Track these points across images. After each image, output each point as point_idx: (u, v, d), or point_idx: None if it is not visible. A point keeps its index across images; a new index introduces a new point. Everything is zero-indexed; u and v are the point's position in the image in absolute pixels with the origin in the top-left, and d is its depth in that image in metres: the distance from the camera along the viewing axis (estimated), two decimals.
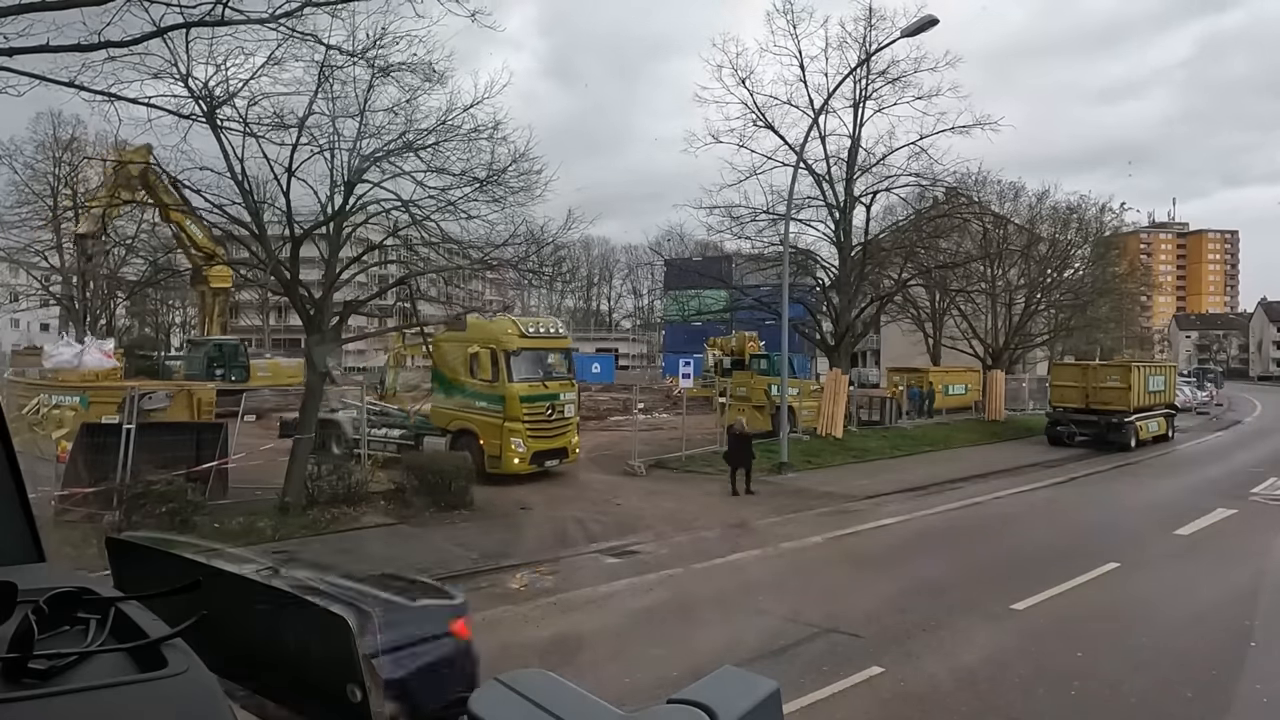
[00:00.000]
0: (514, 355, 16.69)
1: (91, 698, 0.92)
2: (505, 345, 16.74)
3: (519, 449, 16.39)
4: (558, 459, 17.34)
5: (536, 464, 16.66)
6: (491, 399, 16.58)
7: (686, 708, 0.98)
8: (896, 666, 7.03)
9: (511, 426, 16.37)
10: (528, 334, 17.40)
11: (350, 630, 1.16)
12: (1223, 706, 6.40)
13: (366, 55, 12.01)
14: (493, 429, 16.42)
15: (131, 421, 12.27)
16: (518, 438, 16.39)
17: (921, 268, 28.62)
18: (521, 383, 16.68)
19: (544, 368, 17.46)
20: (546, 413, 17.03)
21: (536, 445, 16.70)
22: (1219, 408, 44.87)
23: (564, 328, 18.84)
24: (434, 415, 17.63)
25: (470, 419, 16.76)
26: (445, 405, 17.36)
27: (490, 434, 16.43)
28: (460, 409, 16.96)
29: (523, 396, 16.58)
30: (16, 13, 9.11)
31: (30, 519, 1.43)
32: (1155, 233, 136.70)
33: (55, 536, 8.78)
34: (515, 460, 16.32)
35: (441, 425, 17.20)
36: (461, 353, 16.95)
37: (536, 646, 7.63)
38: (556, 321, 19.58)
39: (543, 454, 16.82)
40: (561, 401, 17.45)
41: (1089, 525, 14.10)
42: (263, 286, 27.09)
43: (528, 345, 17.14)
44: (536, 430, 16.79)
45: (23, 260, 40.05)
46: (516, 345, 16.85)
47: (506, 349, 16.68)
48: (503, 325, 17.73)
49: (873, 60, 23.83)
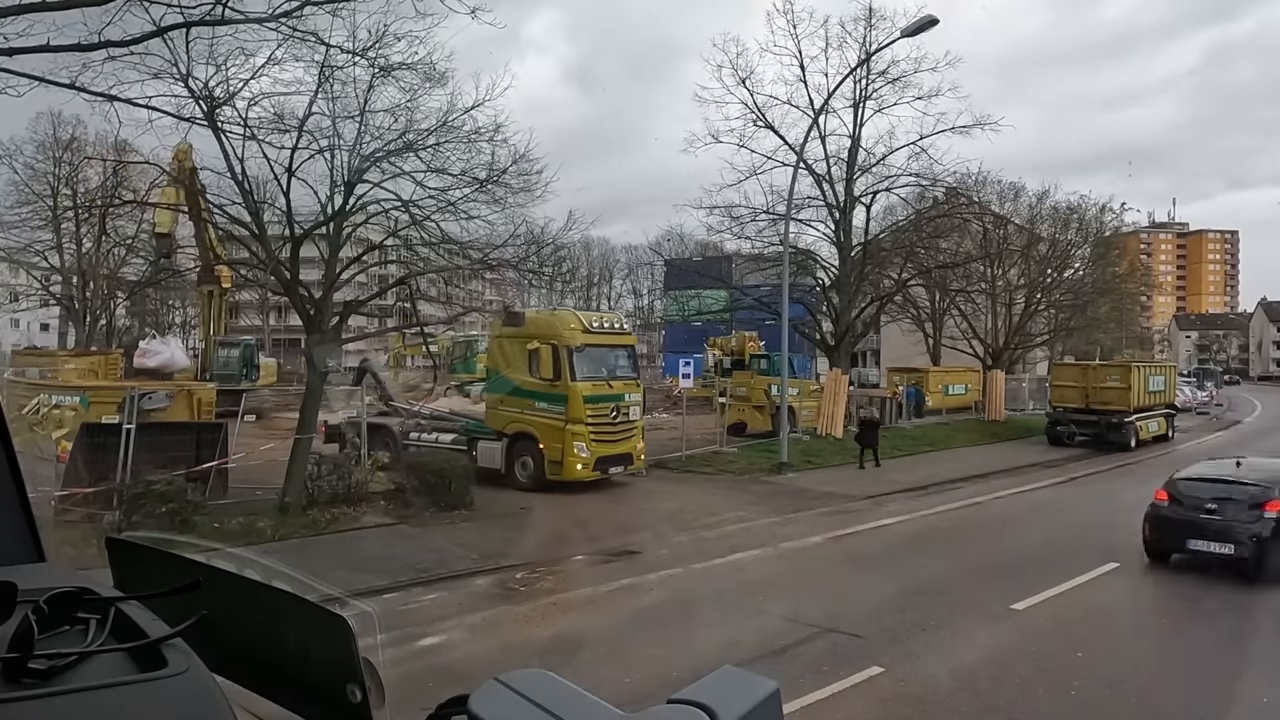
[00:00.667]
0: (577, 352, 15.51)
1: (91, 698, 0.92)
2: (567, 341, 15.53)
3: (582, 454, 15.24)
4: (622, 465, 16.24)
5: (600, 470, 15.58)
6: (552, 399, 15.43)
7: (686, 708, 0.98)
8: (896, 666, 7.03)
9: (574, 429, 15.22)
10: (591, 329, 16.11)
11: (350, 630, 1.16)
12: (1223, 706, 6.40)
13: (367, 54, 12.01)
14: (554, 432, 15.30)
15: (131, 421, 12.27)
16: (580, 441, 15.25)
17: (921, 268, 28.63)
18: (584, 382, 15.51)
19: (607, 366, 16.31)
20: (610, 415, 15.87)
21: (600, 450, 15.55)
22: (1219, 408, 44.86)
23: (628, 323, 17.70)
24: (489, 417, 16.45)
25: (529, 421, 15.63)
26: (502, 407, 16.17)
27: (551, 437, 15.32)
28: (518, 410, 15.85)
29: (586, 397, 15.42)
30: (17, 13, 9.11)
31: (30, 519, 1.43)
32: (1155, 233, 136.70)
33: (55, 536, 8.79)
34: (578, 466, 15.17)
35: (497, 428, 16.10)
36: (519, 349, 15.88)
37: (536, 646, 7.64)
38: (619, 316, 18.43)
39: (606, 459, 15.71)
40: (626, 403, 16.24)
41: (1089, 525, 14.11)
42: (263, 286, 27.15)
43: (591, 341, 15.91)
44: (600, 434, 15.65)
45: (23, 260, 40.04)
46: (580, 341, 15.64)
47: (569, 345, 15.48)
48: (565, 319, 16.40)
49: (873, 60, 23.87)
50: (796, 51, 24.34)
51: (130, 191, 28.21)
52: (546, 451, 15.33)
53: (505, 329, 16.49)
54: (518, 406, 15.88)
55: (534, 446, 15.50)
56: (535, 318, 16.85)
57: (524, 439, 15.72)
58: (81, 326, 37.84)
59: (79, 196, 35.34)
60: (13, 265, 41.99)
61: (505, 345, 16.33)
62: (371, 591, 8.70)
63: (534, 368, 15.62)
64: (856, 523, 13.86)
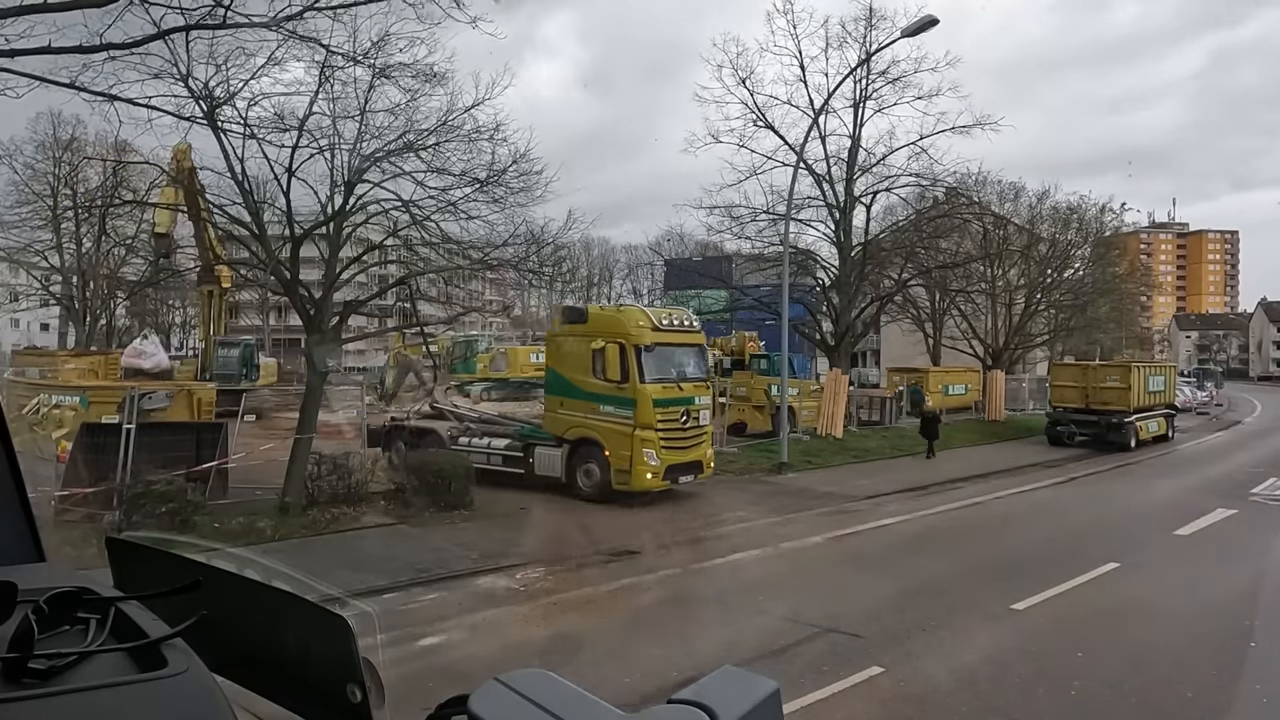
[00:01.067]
0: (646, 351, 14.49)
1: (91, 698, 0.92)
2: (636, 339, 14.49)
3: (651, 462, 14.20)
4: (692, 474, 15.23)
5: (670, 479, 14.65)
6: (620, 403, 14.41)
7: (686, 708, 0.98)
8: (896, 666, 7.03)
9: (643, 435, 14.21)
10: (660, 326, 15.06)
11: (350, 630, 1.16)
12: (1223, 706, 6.40)
13: (367, 57, 12.02)
14: (621, 438, 14.30)
15: (131, 421, 12.27)
16: (650, 448, 14.22)
17: (921, 268, 28.64)
18: (654, 384, 14.50)
19: (677, 366, 15.24)
20: (681, 419, 14.82)
21: (670, 458, 14.53)
22: (1219, 408, 44.87)
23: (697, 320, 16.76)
24: (547, 422, 15.47)
25: (593, 426, 14.66)
26: (561, 410, 15.17)
27: (618, 444, 14.33)
28: (581, 414, 14.85)
29: (656, 400, 14.42)
30: (18, 14, 9.11)
31: (30, 519, 1.43)
32: (1155, 233, 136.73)
33: (55, 536, 8.79)
34: (648, 475, 14.19)
35: (556, 433, 15.17)
36: (581, 348, 14.87)
37: (536, 646, 7.64)
38: (688, 312, 17.21)
39: (676, 468, 14.73)
40: (697, 406, 15.27)
41: (1089, 525, 14.11)
42: (263, 286, 27.14)
43: (661, 340, 14.87)
44: (670, 440, 14.64)
45: (23, 260, 40.05)
46: (650, 340, 14.61)
47: (638, 344, 14.45)
48: (633, 316, 15.32)
49: (873, 60, 23.88)
50: (797, 51, 24.40)
51: (130, 191, 28.21)
52: (612, 459, 14.34)
53: (565, 326, 15.61)
54: (580, 410, 14.89)
55: (599, 453, 14.57)
56: (600, 314, 15.75)
57: (587, 445, 14.80)
58: (81, 326, 37.86)
59: (79, 196, 35.35)
60: (13, 265, 42.00)
61: (565, 343, 15.39)
62: (371, 591, 8.70)
63: (598, 368, 14.63)
64: (856, 523, 13.86)
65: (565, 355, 15.35)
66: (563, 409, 15.18)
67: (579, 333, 15.11)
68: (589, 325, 15.07)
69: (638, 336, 14.55)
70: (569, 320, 15.63)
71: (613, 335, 14.63)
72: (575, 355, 15.05)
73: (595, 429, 14.67)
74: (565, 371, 15.23)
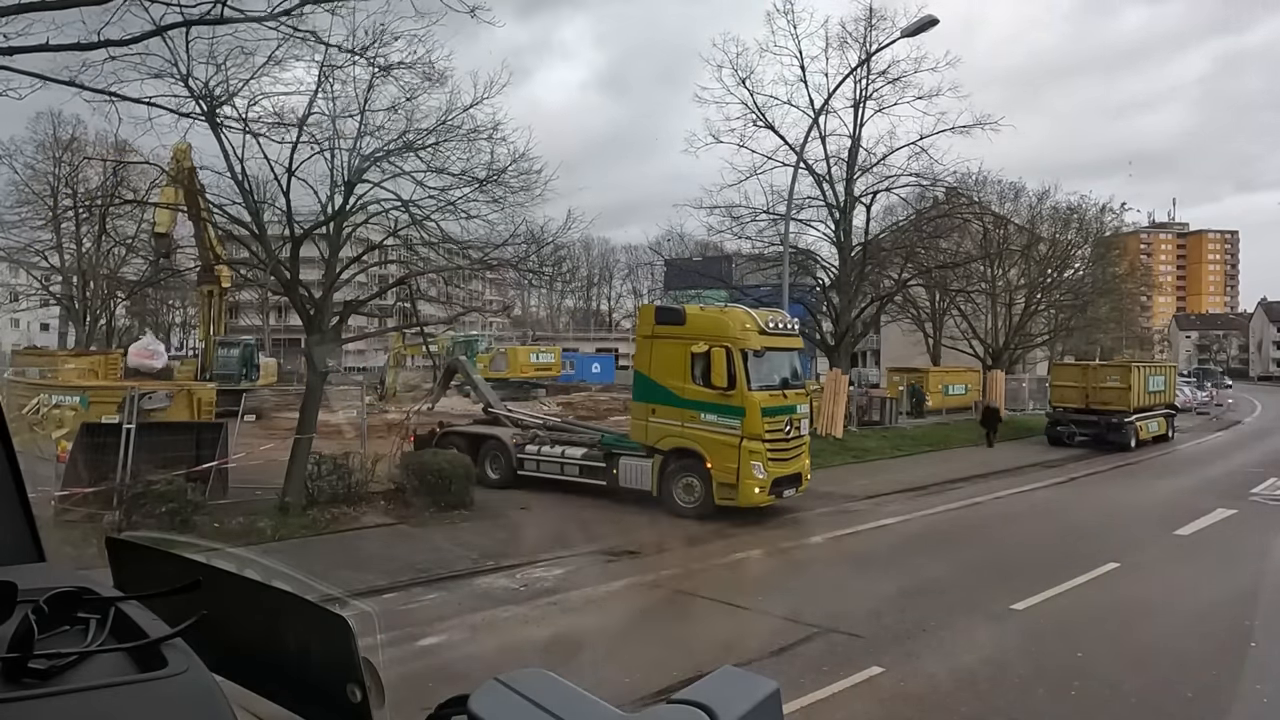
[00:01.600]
0: (756, 356, 13.61)
1: (91, 698, 0.92)
2: (744, 344, 13.55)
3: (759, 475, 13.29)
4: (793, 487, 14.30)
5: (775, 494, 13.73)
6: (725, 412, 13.46)
7: (686, 708, 0.98)
8: (896, 666, 7.03)
9: (751, 447, 13.26)
10: (768, 330, 14.11)
11: (350, 630, 1.16)
12: (1223, 706, 6.40)
13: (366, 54, 12.02)
14: (726, 450, 13.34)
15: (131, 421, 12.27)
16: (758, 461, 13.29)
17: (921, 268, 28.64)
18: (760, 391, 13.61)
19: (780, 373, 14.32)
20: (784, 430, 13.95)
21: (776, 470, 13.63)
22: (1219, 408, 44.87)
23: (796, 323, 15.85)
24: (635, 430, 14.51)
25: (692, 436, 13.70)
26: (653, 418, 14.16)
27: (723, 456, 13.36)
28: (677, 423, 13.86)
29: (764, 409, 13.51)
30: (17, 12, 9.11)
31: (30, 519, 1.43)
32: (1155, 233, 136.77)
33: (55, 536, 8.78)
34: (755, 490, 13.28)
35: (646, 443, 14.20)
36: (677, 352, 13.87)
37: (536, 646, 7.64)
38: (786, 314, 16.14)
39: (781, 481, 13.80)
40: (798, 415, 14.48)
41: (1089, 525, 14.10)
42: (263, 286, 27.15)
43: (769, 344, 13.94)
44: (776, 451, 13.71)
45: (23, 260, 40.06)
46: (759, 344, 13.71)
47: (745, 348, 13.52)
48: (739, 317, 14.24)
49: (873, 60, 23.88)
50: (797, 52, 24.37)
51: (130, 191, 28.18)
52: (715, 473, 13.42)
53: (659, 327, 14.39)
54: (676, 418, 13.89)
55: (699, 466, 13.63)
56: (700, 315, 14.64)
57: (684, 457, 13.86)
58: (81, 326, 37.86)
59: (79, 196, 35.33)
60: (13, 265, 42.00)
61: (657, 347, 14.25)
62: (371, 591, 8.70)
63: (697, 373, 13.69)
64: (856, 523, 13.85)
65: (658, 359, 14.22)
66: (655, 417, 14.16)
67: (675, 335, 14.08)
68: (687, 327, 14.09)
69: (745, 340, 13.64)
70: (663, 321, 14.50)
71: (717, 338, 13.68)
72: (670, 359, 14.03)
73: (695, 439, 13.70)
74: (658, 376, 14.17)
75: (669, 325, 14.30)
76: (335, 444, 14.15)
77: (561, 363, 47.19)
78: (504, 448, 15.47)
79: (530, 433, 16.10)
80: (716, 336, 13.71)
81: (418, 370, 38.14)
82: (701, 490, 13.65)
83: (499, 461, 15.51)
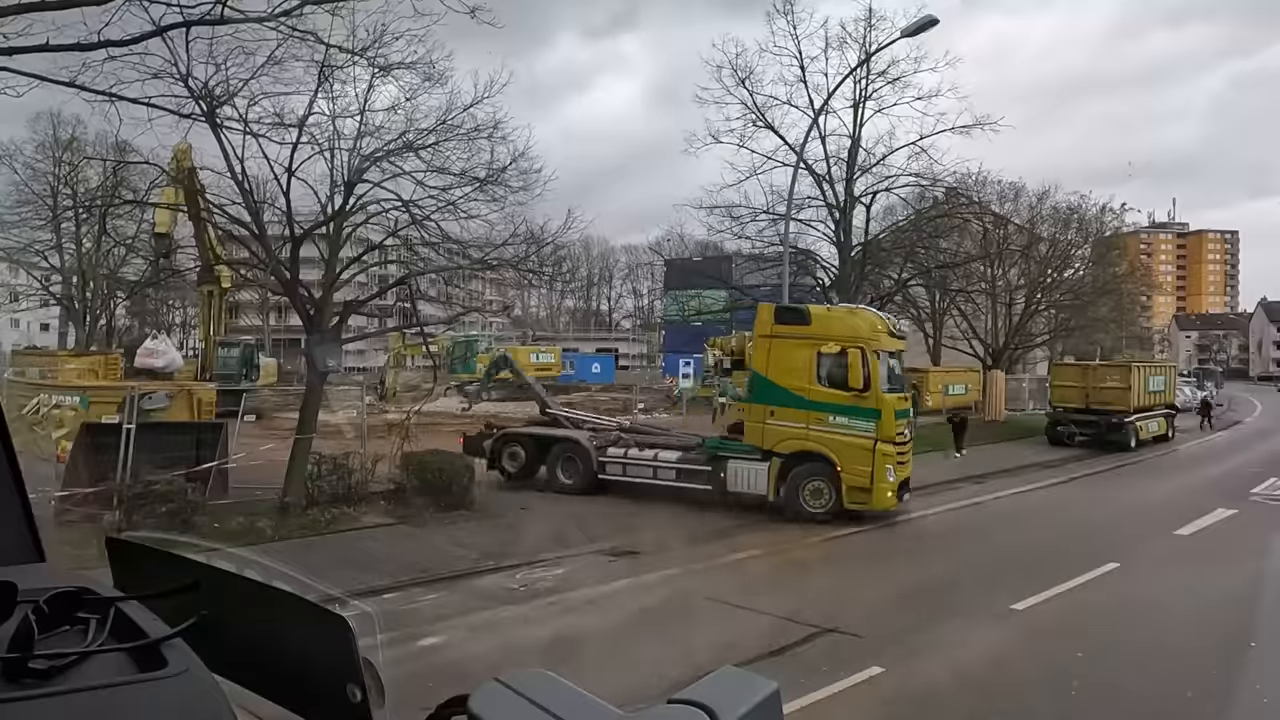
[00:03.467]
0: (891, 357, 13.56)
1: (91, 698, 0.92)
2: (877, 345, 13.42)
3: (891, 478, 13.25)
4: (907, 491, 14.31)
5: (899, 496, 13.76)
6: (857, 414, 13.25)
7: (686, 708, 0.98)
8: (896, 666, 7.03)
9: (885, 450, 13.18)
10: (893, 332, 14.11)
11: (350, 630, 1.16)
12: (1223, 706, 6.40)
13: (366, 54, 12.02)
14: (859, 453, 13.16)
15: (131, 421, 12.28)
16: (890, 464, 13.22)
17: (921, 268, 28.62)
18: (891, 394, 13.54)
19: (894, 375, 14.18)
20: (904, 432, 13.95)
21: (901, 473, 13.68)
22: (1219, 408, 44.85)
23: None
24: (750, 433, 14.15)
25: (820, 439, 13.45)
26: (772, 421, 13.84)
27: (856, 459, 13.17)
28: (800, 425, 13.61)
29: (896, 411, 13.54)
30: (16, 12, 9.10)
31: (30, 519, 1.43)
32: (1155, 233, 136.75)
33: (55, 536, 8.77)
34: (888, 494, 13.28)
35: (763, 446, 13.88)
36: (801, 352, 13.65)
37: (536, 646, 7.63)
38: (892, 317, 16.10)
39: (903, 484, 13.90)
40: (910, 419, 14.58)
41: (1089, 525, 14.10)
42: (263, 286, 27.14)
43: (893, 346, 13.95)
44: (901, 454, 13.69)
45: (23, 260, 40.05)
46: (888, 345, 13.69)
47: (879, 350, 13.41)
48: (869, 319, 14.13)
49: (873, 60, 23.85)
50: (796, 52, 24.31)
51: (130, 191, 28.15)
52: (846, 476, 13.21)
53: (779, 326, 14.09)
54: (799, 420, 13.62)
55: (827, 469, 13.42)
56: (828, 315, 14.44)
57: (810, 460, 13.55)
58: (81, 326, 37.85)
59: (79, 196, 35.30)
60: (13, 265, 41.98)
61: (777, 347, 13.95)
62: (371, 591, 8.70)
63: (825, 374, 13.51)
64: (856, 523, 13.84)
65: (777, 359, 13.88)
66: (773, 419, 13.83)
67: (798, 335, 13.80)
68: (813, 327, 13.80)
69: (877, 341, 13.47)
70: (784, 320, 14.17)
71: (850, 340, 13.45)
72: (791, 360, 13.71)
73: (823, 442, 13.44)
74: (778, 378, 13.82)
75: (791, 325, 14.00)
76: (335, 444, 14.14)
77: (561, 363, 47.22)
78: (581, 450, 14.82)
79: (610, 434, 15.53)
80: (849, 337, 13.47)
81: (418, 370, 38.15)
82: (830, 494, 13.44)
83: (574, 465, 14.89)
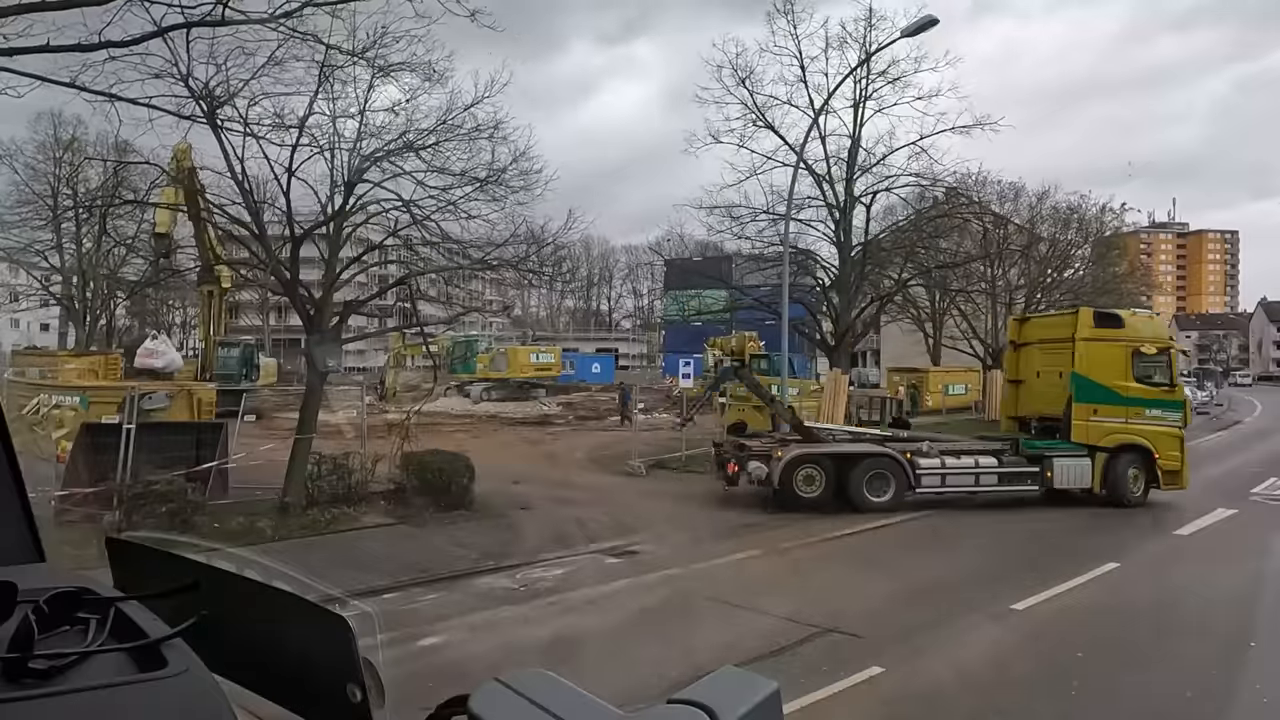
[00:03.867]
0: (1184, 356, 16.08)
1: (91, 698, 0.92)
2: (1177, 345, 15.48)
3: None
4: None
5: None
6: (1167, 406, 15.37)
7: (686, 708, 0.98)
8: (897, 666, 7.03)
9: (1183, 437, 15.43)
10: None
11: (350, 630, 1.16)
12: (1223, 706, 6.39)
13: (366, 55, 12.02)
14: (1171, 441, 15.30)
15: (131, 421, 12.27)
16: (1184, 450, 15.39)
17: (921, 268, 28.63)
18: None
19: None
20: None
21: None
22: (1219, 408, 44.83)
23: None
24: (1077, 431, 15.35)
25: (1140, 432, 15.20)
26: (1096, 418, 15.28)
27: (1168, 447, 15.27)
28: (1120, 420, 15.25)
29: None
30: (17, 13, 9.10)
31: (30, 519, 1.43)
32: (1155, 233, 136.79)
33: (55, 536, 8.77)
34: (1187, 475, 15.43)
35: (1089, 442, 15.23)
36: (1117, 353, 15.30)
37: (536, 646, 7.63)
38: None
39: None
40: None
41: (1089, 525, 14.09)
42: (263, 286, 27.15)
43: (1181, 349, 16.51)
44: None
45: (23, 260, 40.05)
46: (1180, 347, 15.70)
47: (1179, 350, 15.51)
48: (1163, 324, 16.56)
49: (873, 60, 23.85)
50: (797, 52, 24.33)
51: (130, 191, 28.13)
52: (1163, 462, 15.15)
53: (1097, 330, 15.60)
54: (1120, 415, 15.24)
55: (1144, 459, 15.21)
56: (1135, 319, 16.43)
57: (1128, 451, 15.25)
58: (81, 326, 37.85)
59: (79, 196, 35.30)
60: (13, 265, 41.98)
61: (1095, 349, 15.37)
62: (371, 591, 8.70)
63: (1139, 371, 15.22)
64: (856, 523, 13.84)
65: (1096, 361, 15.32)
66: (1096, 416, 15.26)
67: (1114, 338, 15.39)
68: (1126, 330, 15.52)
69: (1175, 342, 15.44)
70: (1102, 324, 15.69)
71: (1159, 342, 15.41)
72: (1108, 360, 15.26)
73: (1143, 434, 15.16)
74: (1101, 378, 15.24)
75: (1108, 328, 15.56)
76: (335, 444, 14.14)
77: (561, 363, 47.25)
78: (896, 466, 14.61)
79: (917, 445, 15.46)
80: (1158, 340, 15.44)
81: (418, 370, 38.12)
82: (1142, 481, 15.20)
83: (886, 481, 14.54)
